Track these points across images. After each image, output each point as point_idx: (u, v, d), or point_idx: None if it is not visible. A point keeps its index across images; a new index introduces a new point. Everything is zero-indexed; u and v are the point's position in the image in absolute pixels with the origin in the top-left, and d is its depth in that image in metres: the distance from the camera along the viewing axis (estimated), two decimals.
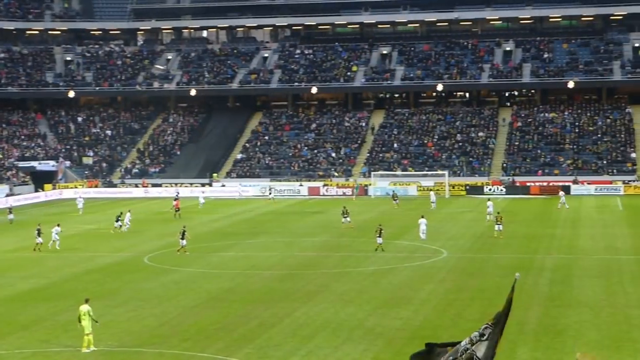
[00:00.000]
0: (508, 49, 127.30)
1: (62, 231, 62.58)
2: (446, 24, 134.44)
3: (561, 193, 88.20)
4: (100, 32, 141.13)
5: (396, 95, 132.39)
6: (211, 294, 44.38)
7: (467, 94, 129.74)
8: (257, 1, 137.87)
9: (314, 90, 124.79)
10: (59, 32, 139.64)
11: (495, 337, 16.00)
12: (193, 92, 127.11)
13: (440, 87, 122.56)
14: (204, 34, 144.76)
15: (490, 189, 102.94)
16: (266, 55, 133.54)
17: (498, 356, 15.95)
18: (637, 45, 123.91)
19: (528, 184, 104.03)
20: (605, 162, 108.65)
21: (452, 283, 46.16)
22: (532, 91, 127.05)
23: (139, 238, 67.17)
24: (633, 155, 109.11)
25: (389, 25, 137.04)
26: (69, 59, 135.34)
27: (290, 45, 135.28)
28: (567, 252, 56.77)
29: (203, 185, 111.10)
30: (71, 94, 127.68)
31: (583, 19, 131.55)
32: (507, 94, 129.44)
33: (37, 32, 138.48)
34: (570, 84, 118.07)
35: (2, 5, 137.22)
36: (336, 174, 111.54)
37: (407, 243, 60.60)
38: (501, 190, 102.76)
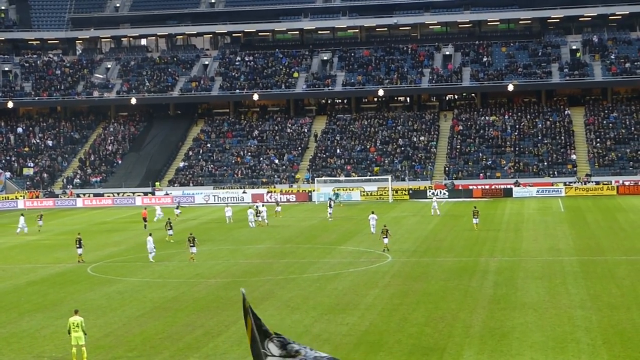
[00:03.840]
0: (447, 53, 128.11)
1: (3, 242, 61.69)
2: (385, 29, 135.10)
3: (434, 198, 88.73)
4: (38, 42, 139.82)
5: (338, 101, 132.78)
6: (156, 304, 44.02)
7: (408, 99, 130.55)
8: (196, 9, 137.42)
9: (256, 97, 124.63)
10: None
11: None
12: (133, 101, 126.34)
13: (381, 92, 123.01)
14: (144, 42, 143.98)
15: (433, 193, 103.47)
16: (206, 62, 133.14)
17: None
18: (574, 47, 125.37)
19: (470, 187, 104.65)
20: (546, 164, 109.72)
21: (397, 287, 46.22)
22: (473, 95, 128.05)
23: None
24: (573, 156, 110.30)
25: (328, 31, 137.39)
26: (6, 69, 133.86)
27: (230, 52, 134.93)
28: (510, 254, 57.12)
29: (146, 194, 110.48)
30: (10, 104, 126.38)
31: (521, 22, 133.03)
32: (447, 98, 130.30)
33: None
34: (510, 87, 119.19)
35: None
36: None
37: (351, 248, 60.59)
38: (444, 193, 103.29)
